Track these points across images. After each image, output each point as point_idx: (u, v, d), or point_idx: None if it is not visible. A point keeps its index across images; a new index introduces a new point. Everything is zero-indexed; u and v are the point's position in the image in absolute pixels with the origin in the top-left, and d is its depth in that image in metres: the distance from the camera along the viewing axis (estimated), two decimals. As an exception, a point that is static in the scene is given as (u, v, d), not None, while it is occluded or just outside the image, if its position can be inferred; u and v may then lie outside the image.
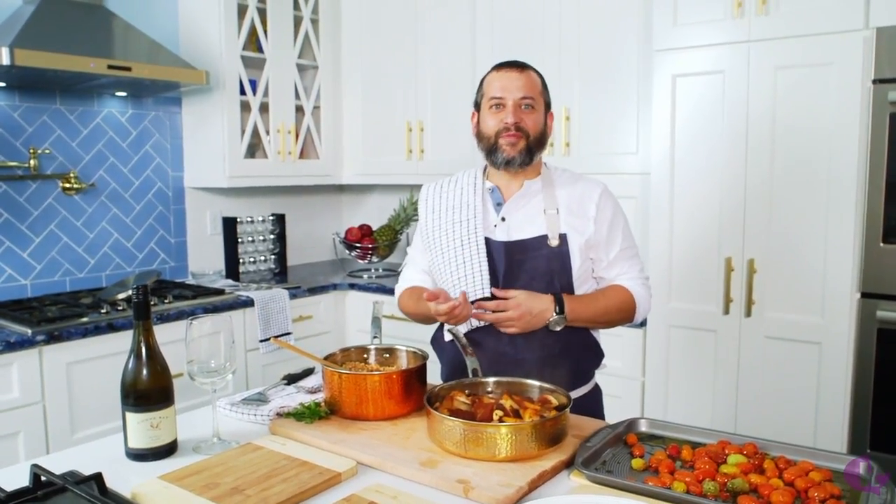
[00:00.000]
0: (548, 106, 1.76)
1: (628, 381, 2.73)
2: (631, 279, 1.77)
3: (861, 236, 2.27)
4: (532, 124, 1.70)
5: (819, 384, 2.37)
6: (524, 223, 1.72)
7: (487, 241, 1.71)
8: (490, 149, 1.72)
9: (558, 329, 1.65)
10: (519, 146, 1.69)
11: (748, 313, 2.47)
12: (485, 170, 1.83)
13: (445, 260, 1.74)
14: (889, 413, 2.26)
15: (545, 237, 1.69)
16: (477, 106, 1.78)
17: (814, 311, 2.37)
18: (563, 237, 1.69)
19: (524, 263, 1.69)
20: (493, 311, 1.63)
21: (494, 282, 1.69)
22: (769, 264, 2.43)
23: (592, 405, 1.79)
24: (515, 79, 1.69)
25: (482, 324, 1.69)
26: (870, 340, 2.28)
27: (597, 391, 1.85)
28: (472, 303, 1.65)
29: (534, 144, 1.71)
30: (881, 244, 2.24)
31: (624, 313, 1.75)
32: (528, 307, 1.62)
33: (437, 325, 1.83)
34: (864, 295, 2.29)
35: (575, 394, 1.71)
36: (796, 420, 2.41)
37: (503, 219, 1.73)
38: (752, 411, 2.50)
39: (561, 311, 1.64)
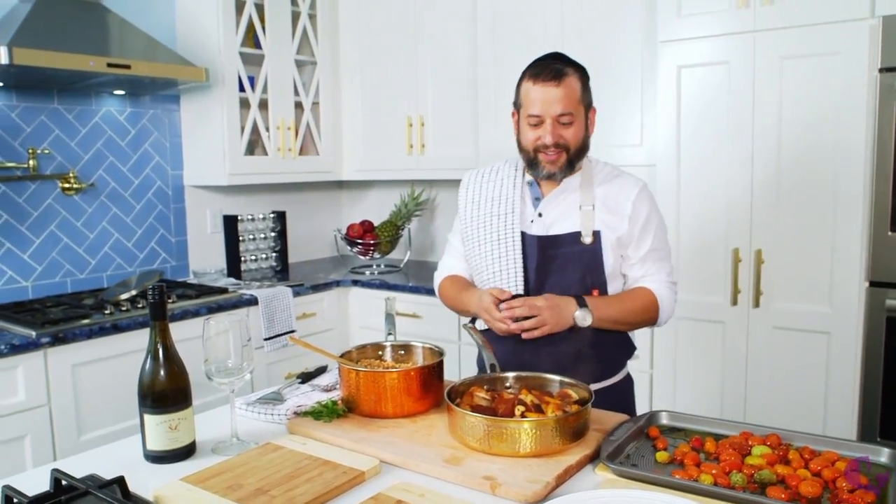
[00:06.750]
0: (588, 106, 1.70)
1: (637, 374, 2.70)
2: (657, 282, 1.74)
3: (869, 225, 2.27)
4: (572, 137, 1.66)
5: (828, 374, 2.37)
6: (560, 219, 1.71)
7: (523, 235, 1.72)
8: (530, 162, 1.70)
9: (586, 325, 1.62)
10: (559, 162, 1.67)
11: (756, 304, 2.46)
12: None
13: (482, 252, 1.76)
14: (899, 401, 2.27)
15: (578, 234, 1.69)
16: (516, 106, 1.73)
17: (822, 300, 2.36)
18: (596, 234, 1.68)
19: (556, 259, 1.69)
20: (520, 314, 1.59)
21: (526, 276, 1.70)
22: (777, 255, 2.43)
23: (622, 396, 1.79)
24: (552, 93, 1.61)
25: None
26: (879, 329, 2.28)
27: (628, 381, 1.84)
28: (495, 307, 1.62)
29: (574, 156, 1.68)
30: (889, 233, 2.24)
31: (647, 315, 1.73)
32: (555, 301, 1.61)
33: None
34: (873, 284, 2.28)
35: (603, 384, 1.72)
36: (806, 410, 2.41)
37: (540, 214, 1.73)
38: (761, 402, 2.50)
39: (583, 305, 1.62)
